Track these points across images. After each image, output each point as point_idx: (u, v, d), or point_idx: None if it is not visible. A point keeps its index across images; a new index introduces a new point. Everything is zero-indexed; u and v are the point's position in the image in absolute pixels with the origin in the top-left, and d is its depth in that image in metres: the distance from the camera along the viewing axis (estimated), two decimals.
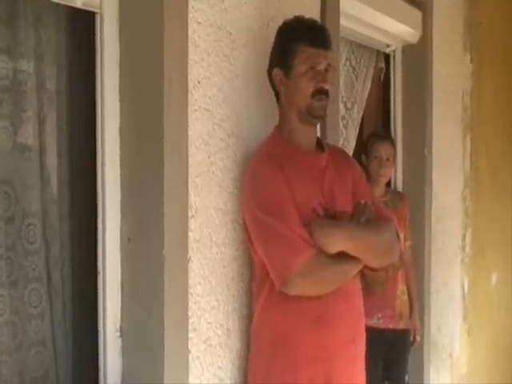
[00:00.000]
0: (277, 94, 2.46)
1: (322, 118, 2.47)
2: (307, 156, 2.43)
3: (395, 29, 3.84)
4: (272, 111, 2.52)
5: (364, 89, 3.85)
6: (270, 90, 2.47)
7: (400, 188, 4.12)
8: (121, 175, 2.20)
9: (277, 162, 2.30)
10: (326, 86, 2.38)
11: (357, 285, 2.47)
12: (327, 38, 2.43)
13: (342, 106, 3.61)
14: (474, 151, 4.85)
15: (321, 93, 2.37)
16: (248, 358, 2.44)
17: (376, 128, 4.03)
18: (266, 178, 2.29)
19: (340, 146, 3.32)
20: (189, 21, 2.24)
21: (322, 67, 2.38)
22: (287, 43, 2.39)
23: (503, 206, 5.52)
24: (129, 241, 2.20)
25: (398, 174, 4.12)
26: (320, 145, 2.51)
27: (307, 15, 2.48)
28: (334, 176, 2.46)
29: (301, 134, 2.42)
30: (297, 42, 2.36)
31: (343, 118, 3.67)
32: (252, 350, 2.41)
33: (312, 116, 2.39)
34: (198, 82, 2.29)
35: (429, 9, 4.06)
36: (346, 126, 3.71)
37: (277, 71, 2.40)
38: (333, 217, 2.36)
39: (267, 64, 2.45)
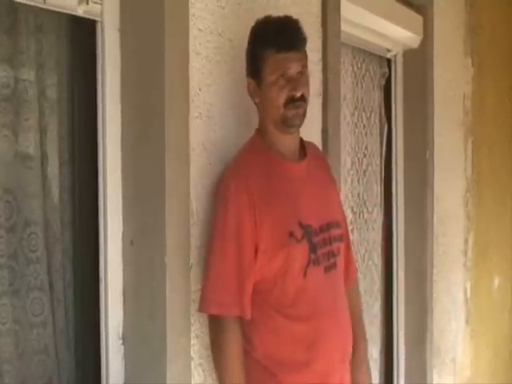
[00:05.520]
0: (255, 103, 2.34)
1: (299, 126, 2.29)
2: (286, 166, 2.30)
3: (396, 34, 3.84)
4: None
5: (365, 94, 3.86)
6: None
7: (401, 193, 4.11)
8: (122, 183, 2.20)
9: (246, 188, 2.17)
10: (298, 93, 2.21)
11: (345, 305, 2.40)
12: (297, 37, 2.24)
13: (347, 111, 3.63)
14: (475, 155, 4.85)
15: (293, 101, 2.21)
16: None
17: None
18: (232, 205, 2.19)
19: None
20: (190, 28, 2.24)
21: (293, 72, 2.21)
22: (255, 50, 2.25)
23: (505, 210, 5.52)
24: (131, 244, 2.20)
25: (399, 177, 4.11)
26: (303, 148, 2.39)
27: (308, 20, 2.48)
28: (316, 183, 2.38)
29: (281, 143, 2.30)
30: (264, 49, 2.21)
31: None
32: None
33: (287, 126, 2.25)
34: (199, 89, 2.29)
35: (429, 13, 4.06)
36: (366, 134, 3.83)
37: (249, 81, 2.27)
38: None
39: None
